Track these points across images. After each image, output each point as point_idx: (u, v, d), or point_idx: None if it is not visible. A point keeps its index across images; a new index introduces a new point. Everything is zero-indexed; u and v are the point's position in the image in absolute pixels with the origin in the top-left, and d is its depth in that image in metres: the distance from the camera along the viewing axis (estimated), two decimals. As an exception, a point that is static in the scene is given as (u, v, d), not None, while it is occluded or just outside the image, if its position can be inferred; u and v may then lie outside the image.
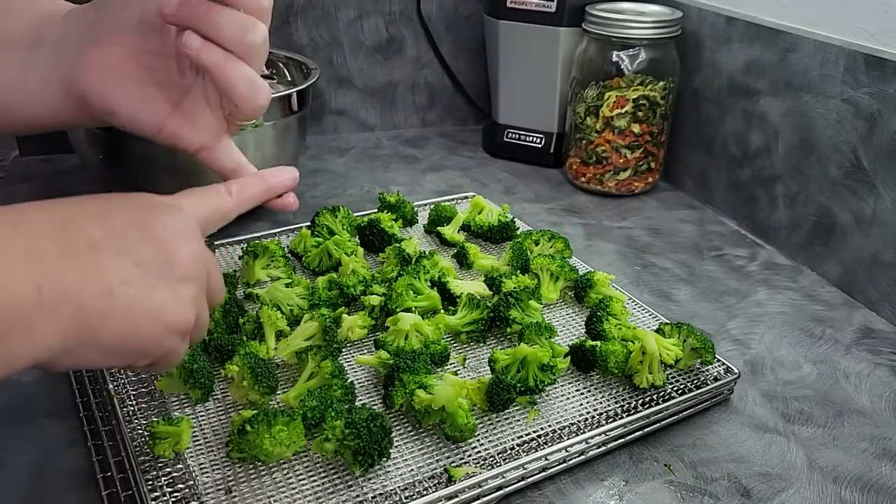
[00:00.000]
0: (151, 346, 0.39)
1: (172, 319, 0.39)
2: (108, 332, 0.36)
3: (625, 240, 0.90)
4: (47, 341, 0.34)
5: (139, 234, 0.38)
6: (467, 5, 1.19)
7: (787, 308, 0.77)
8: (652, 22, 0.92)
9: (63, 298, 0.34)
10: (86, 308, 0.35)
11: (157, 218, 0.40)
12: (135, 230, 0.38)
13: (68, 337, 0.35)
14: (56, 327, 0.34)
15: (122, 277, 0.37)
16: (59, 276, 0.34)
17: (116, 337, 0.37)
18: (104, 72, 0.47)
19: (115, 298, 0.36)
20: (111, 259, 0.37)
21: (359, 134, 1.20)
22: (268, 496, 0.49)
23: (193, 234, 0.41)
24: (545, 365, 0.57)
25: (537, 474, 0.53)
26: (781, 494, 0.53)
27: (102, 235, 0.37)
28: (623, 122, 0.96)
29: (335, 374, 0.56)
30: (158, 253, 0.39)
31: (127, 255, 0.37)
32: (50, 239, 0.35)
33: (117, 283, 0.36)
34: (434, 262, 0.71)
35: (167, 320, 0.39)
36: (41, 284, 0.33)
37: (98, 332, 0.36)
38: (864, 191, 0.76)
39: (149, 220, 0.39)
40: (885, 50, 0.74)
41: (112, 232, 0.37)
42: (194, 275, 0.40)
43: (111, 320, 0.36)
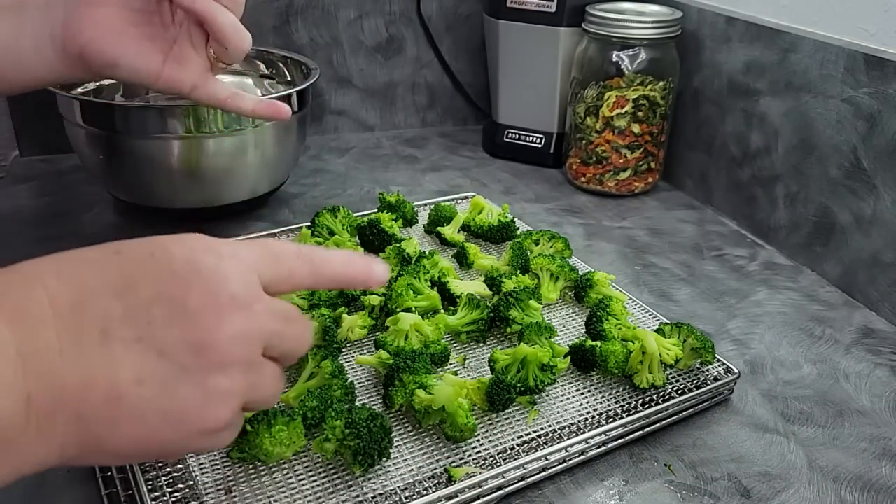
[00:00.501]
0: (174, 449, 0.33)
1: (198, 423, 0.32)
2: (116, 441, 0.31)
3: (625, 240, 0.90)
4: (37, 457, 0.29)
5: (168, 311, 0.31)
6: (467, 5, 1.19)
7: (787, 308, 0.77)
8: (652, 22, 0.93)
9: (59, 407, 0.29)
10: (87, 417, 0.30)
11: (194, 288, 0.32)
12: (163, 305, 0.31)
13: (66, 449, 0.30)
14: (48, 441, 0.29)
15: (138, 375, 0.30)
16: (56, 379, 0.29)
17: (127, 445, 0.31)
18: (101, 29, 0.51)
19: (125, 403, 0.30)
20: (126, 349, 0.30)
21: (359, 134, 1.20)
22: (268, 496, 0.49)
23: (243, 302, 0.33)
24: (545, 365, 0.57)
25: (537, 474, 0.53)
26: (781, 494, 0.53)
27: (120, 314, 0.30)
28: (623, 122, 0.96)
29: (335, 374, 0.56)
30: (188, 336, 0.31)
31: (148, 342, 0.31)
32: (52, 327, 0.29)
33: (129, 383, 0.30)
34: (434, 262, 0.71)
35: (192, 424, 0.32)
36: (31, 393, 0.28)
37: (104, 441, 0.31)
38: (864, 191, 0.76)
39: (184, 291, 0.32)
40: (885, 50, 0.74)
41: (134, 309, 0.31)
42: (234, 360, 0.33)
43: (120, 429, 0.30)
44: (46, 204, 0.90)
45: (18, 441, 0.28)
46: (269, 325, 0.34)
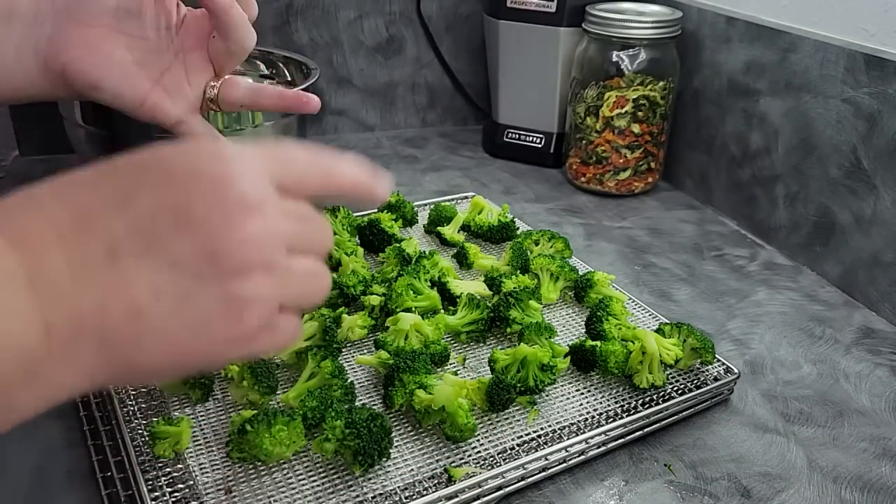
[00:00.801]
0: (210, 361, 0.32)
1: (227, 331, 0.31)
2: (144, 360, 0.30)
3: (625, 240, 0.90)
4: (64, 384, 0.29)
5: (172, 221, 0.30)
6: (467, 5, 1.18)
7: (787, 308, 0.77)
8: (652, 22, 0.92)
9: (80, 333, 0.28)
10: (110, 338, 0.29)
11: (197, 194, 0.30)
12: (167, 214, 0.30)
13: (95, 374, 0.29)
14: (75, 368, 0.29)
15: (153, 289, 0.29)
16: (72, 303, 0.28)
17: (157, 362, 0.30)
18: (86, 49, 0.50)
19: (146, 319, 0.29)
20: (137, 263, 0.29)
21: (359, 134, 1.20)
22: (268, 496, 0.49)
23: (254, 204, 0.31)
24: (545, 365, 0.57)
25: (537, 474, 0.53)
26: (781, 494, 0.53)
27: (124, 231, 0.29)
28: (623, 122, 0.96)
29: (335, 374, 0.56)
30: (199, 244, 0.30)
31: (157, 253, 0.29)
32: (59, 252, 0.28)
33: (146, 298, 0.29)
34: (434, 262, 0.71)
35: (220, 334, 0.31)
36: (49, 320, 0.27)
37: (132, 361, 0.30)
38: (864, 191, 0.76)
39: (186, 197, 0.30)
40: (885, 50, 0.74)
41: (137, 223, 0.29)
42: (253, 261, 0.31)
43: (145, 347, 0.30)
44: (46, 204, 0.90)
45: (44, 369, 0.28)
46: (284, 225, 0.32)
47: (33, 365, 0.27)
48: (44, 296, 0.27)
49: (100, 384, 0.30)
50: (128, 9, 0.50)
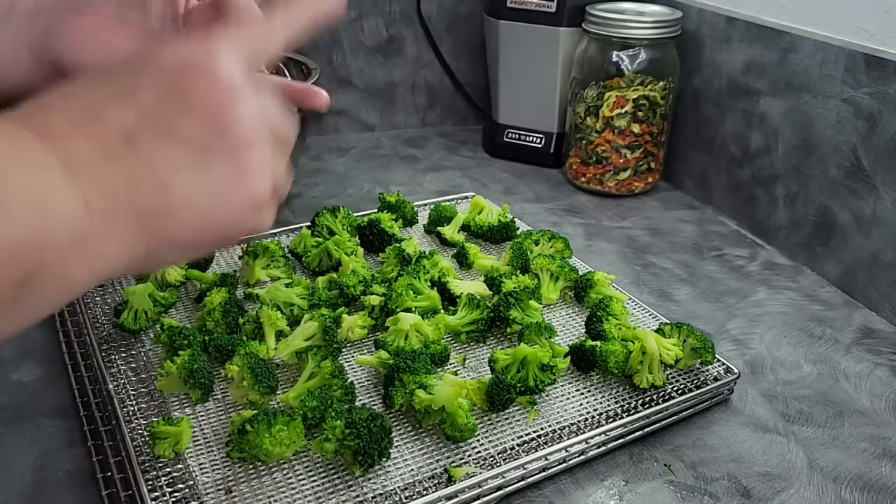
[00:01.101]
0: (232, 229, 0.35)
1: (244, 197, 0.34)
2: (177, 231, 0.33)
3: (625, 240, 0.90)
4: (110, 257, 0.31)
5: (177, 107, 0.33)
6: (467, 5, 1.19)
7: (787, 308, 0.77)
8: (652, 22, 0.93)
9: (115, 207, 0.31)
10: (144, 212, 0.31)
11: (191, 81, 0.33)
12: (171, 102, 0.33)
13: (135, 247, 0.32)
14: (117, 241, 0.31)
15: (173, 164, 0.32)
16: (104, 182, 0.30)
17: (188, 233, 0.33)
18: (79, 38, 0.48)
19: (173, 191, 0.32)
20: (153, 146, 0.32)
21: (359, 134, 1.21)
22: (268, 496, 0.49)
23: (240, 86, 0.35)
24: (545, 365, 0.57)
25: (537, 474, 0.53)
26: (781, 494, 0.53)
27: (136, 119, 0.32)
28: (623, 122, 0.96)
29: (335, 374, 0.56)
30: (204, 123, 0.33)
31: (169, 135, 0.32)
32: (82, 140, 0.31)
33: (168, 172, 0.32)
34: (434, 262, 0.71)
35: (239, 199, 0.34)
36: (87, 196, 0.30)
37: (167, 233, 0.32)
38: (864, 191, 0.76)
39: (182, 85, 0.33)
40: (885, 50, 0.74)
41: (146, 111, 0.32)
42: (254, 134, 0.35)
43: (177, 217, 0.32)
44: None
45: (90, 240, 0.30)
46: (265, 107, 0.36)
47: (81, 236, 0.29)
48: (79, 176, 0.30)
49: (137, 260, 0.32)
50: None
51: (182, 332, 0.59)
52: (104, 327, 0.64)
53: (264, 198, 0.36)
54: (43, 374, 0.62)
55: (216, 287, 0.66)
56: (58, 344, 0.64)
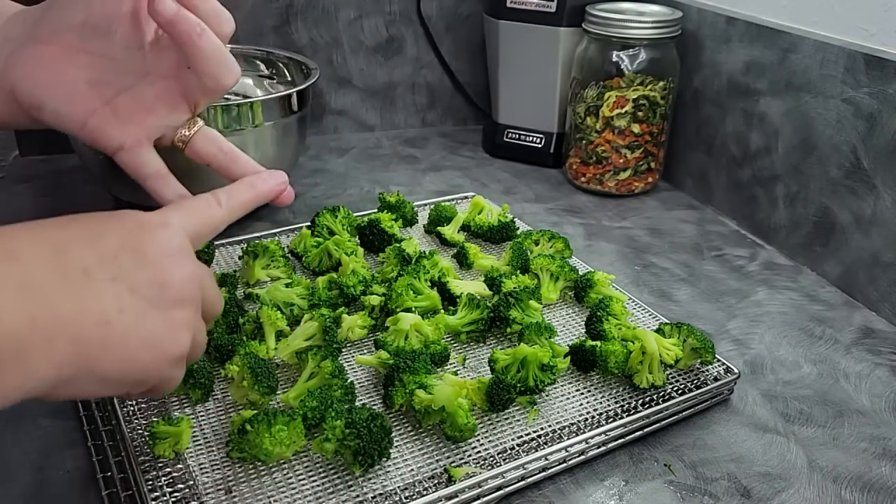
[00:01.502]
0: (149, 374, 0.38)
1: (168, 347, 0.38)
2: (105, 363, 0.35)
3: (625, 240, 0.90)
4: (41, 374, 0.33)
5: (132, 258, 0.37)
6: (467, 5, 1.19)
7: (787, 308, 0.77)
8: (652, 22, 0.93)
9: (58, 329, 0.33)
10: (82, 339, 0.34)
11: (148, 239, 0.39)
12: (127, 253, 0.37)
13: (63, 369, 0.34)
14: (51, 359, 0.33)
15: (118, 305, 0.36)
16: (54, 305, 0.33)
17: (113, 367, 0.36)
18: (35, 68, 0.48)
19: (112, 327, 0.35)
20: (106, 286, 0.36)
21: (359, 134, 1.21)
22: (268, 496, 0.49)
23: (186, 253, 0.40)
24: (545, 365, 0.57)
25: (537, 474, 0.53)
26: (781, 494, 0.53)
27: (95, 260, 0.36)
28: (623, 122, 0.96)
29: (335, 374, 0.56)
30: (152, 277, 0.38)
31: (121, 281, 0.36)
32: (43, 266, 0.34)
33: (113, 311, 0.35)
34: (434, 262, 0.71)
35: (163, 349, 0.38)
36: (35, 315, 0.32)
37: (96, 362, 0.35)
38: (864, 191, 0.76)
39: (140, 241, 0.38)
40: (885, 50, 0.74)
41: (105, 256, 0.36)
42: (188, 297, 0.40)
43: (109, 350, 0.35)
44: (46, 204, 0.90)
45: (27, 353, 0.32)
46: (203, 277, 0.42)
47: (21, 348, 0.32)
48: (31, 296, 0.33)
49: (61, 383, 0.34)
50: (96, 26, 0.48)
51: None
52: (104, 327, 0.64)
53: (181, 353, 0.39)
54: (43, 374, 0.61)
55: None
56: (58, 344, 0.64)
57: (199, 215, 0.44)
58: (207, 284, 0.43)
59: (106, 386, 0.37)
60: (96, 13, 0.48)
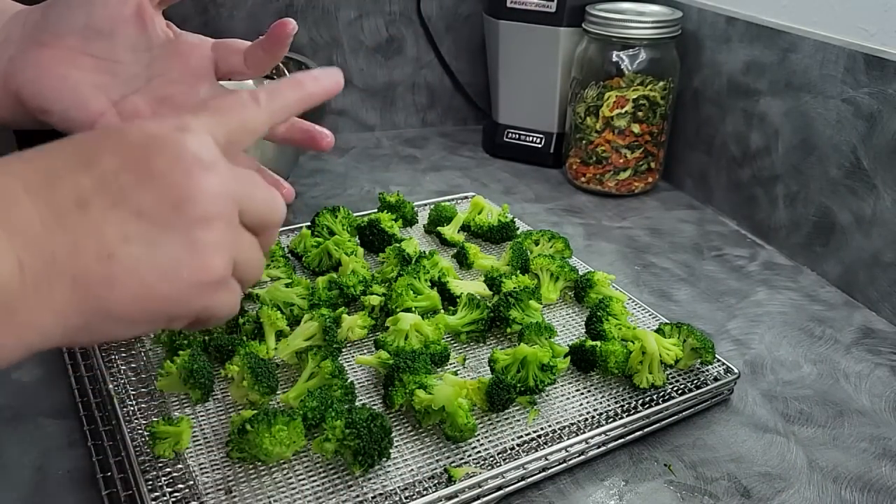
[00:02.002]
0: (177, 306, 0.33)
1: (194, 274, 0.33)
2: (117, 302, 0.31)
3: (625, 240, 0.90)
4: (41, 325, 0.30)
5: (135, 177, 0.32)
6: (467, 5, 1.19)
7: (787, 308, 0.77)
8: (652, 22, 0.93)
9: (53, 272, 0.30)
10: (83, 279, 0.30)
11: (155, 153, 0.33)
12: (129, 172, 0.32)
13: (69, 317, 0.31)
14: (50, 307, 0.30)
15: (122, 234, 0.31)
16: (45, 246, 0.30)
17: (129, 306, 0.32)
18: (38, 72, 0.47)
19: (117, 261, 0.31)
20: (105, 213, 0.31)
21: (359, 134, 1.21)
22: (268, 496, 0.49)
23: (208, 162, 0.34)
24: (545, 365, 0.57)
25: (537, 474, 0.53)
26: (781, 494, 0.53)
27: (92, 186, 0.31)
28: (623, 122, 0.96)
29: (335, 374, 0.56)
30: (162, 196, 0.32)
31: (124, 205, 0.31)
32: (29, 201, 0.30)
33: (116, 241, 0.31)
34: (434, 262, 0.71)
35: (186, 275, 0.33)
36: (23, 259, 0.29)
37: (106, 303, 0.31)
38: (864, 191, 0.76)
39: (145, 157, 0.32)
40: (885, 50, 0.74)
41: (103, 179, 0.31)
42: (214, 213, 0.33)
43: (118, 287, 0.31)
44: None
45: (20, 307, 0.29)
46: (237, 186, 0.35)
47: (9, 300, 0.28)
48: (17, 239, 0.29)
49: (73, 330, 0.31)
50: (98, 29, 0.47)
51: (182, 332, 0.59)
52: (104, 327, 0.64)
53: (216, 278, 0.34)
54: (43, 374, 0.62)
55: (216, 287, 0.66)
56: (58, 344, 0.64)
57: (230, 116, 0.37)
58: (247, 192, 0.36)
59: (131, 326, 0.33)
60: (98, 16, 0.47)
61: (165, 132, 0.33)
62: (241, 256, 0.35)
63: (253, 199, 0.36)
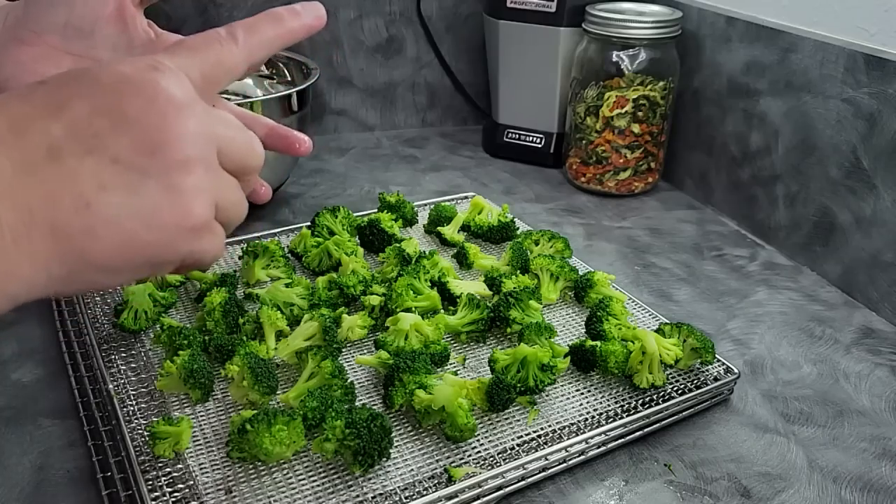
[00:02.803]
0: (161, 253, 0.33)
1: (175, 219, 0.32)
2: (99, 252, 0.31)
3: (625, 240, 0.90)
4: (23, 276, 0.29)
5: (108, 122, 0.31)
6: (467, 5, 1.19)
7: (787, 308, 0.77)
8: (652, 22, 0.93)
9: (29, 223, 0.29)
10: (61, 229, 0.30)
11: (128, 95, 0.32)
12: (102, 117, 0.31)
13: (52, 267, 0.30)
14: (30, 259, 0.29)
15: (98, 182, 0.30)
16: (19, 196, 0.29)
17: (112, 254, 0.31)
18: (19, 71, 0.47)
19: (95, 210, 0.30)
20: (79, 162, 0.30)
21: (359, 134, 1.21)
22: (268, 496, 0.49)
23: (184, 104, 0.33)
24: (545, 365, 0.57)
25: (537, 474, 0.53)
26: (781, 494, 0.53)
27: (63, 133, 0.30)
28: (623, 122, 0.96)
29: (335, 374, 0.56)
30: (138, 141, 0.31)
31: (98, 152, 0.30)
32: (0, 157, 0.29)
33: (92, 190, 0.30)
34: (434, 262, 0.71)
35: (168, 221, 0.32)
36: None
37: (88, 253, 0.31)
38: (864, 191, 0.76)
39: (119, 98, 0.31)
40: (885, 50, 0.74)
41: (75, 125, 0.30)
42: (193, 157, 0.33)
43: (98, 237, 0.30)
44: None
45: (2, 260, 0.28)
46: (215, 127, 0.34)
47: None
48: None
49: (58, 280, 0.31)
50: (78, 27, 0.47)
51: (182, 332, 0.59)
52: (104, 327, 0.64)
53: (200, 222, 0.33)
54: (43, 374, 0.62)
55: (216, 287, 0.66)
56: (58, 344, 0.64)
57: (205, 54, 0.36)
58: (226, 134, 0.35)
59: (116, 275, 0.33)
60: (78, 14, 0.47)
61: (139, 73, 0.32)
62: (222, 199, 0.35)
63: (232, 141, 0.35)
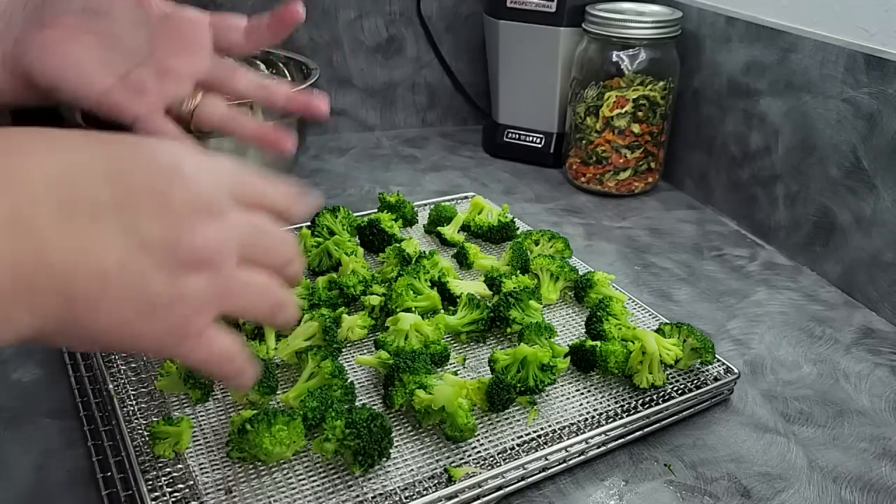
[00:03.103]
0: (145, 343, 0.33)
1: (166, 319, 0.33)
2: (94, 324, 0.31)
3: (625, 240, 0.90)
4: (18, 324, 0.29)
5: (154, 204, 0.32)
6: (467, 5, 1.18)
7: (787, 308, 0.77)
8: (652, 22, 0.93)
9: (46, 279, 0.29)
10: (73, 294, 0.30)
11: (179, 183, 0.33)
12: (150, 198, 0.32)
13: (48, 322, 0.30)
14: (32, 311, 0.29)
15: (121, 259, 0.31)
16: (45, 251, 0.29)
17: (104, 331, 0.32)
18: (44, 53, 0.49)
19: (109, 285, 0.31)
20: (114, 235, 0.31)
21: (359, 134, 1.20)
22: (268, 496, 0.49)
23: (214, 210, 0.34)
24: (545, 365, 0.57)
25: (537, 474, 0.53)
26: (781, 494, 0.53)
27: (110, 199, 0.31)
28: (623, 122, 0.96)
29: (335, 374, 0.56)
30: (167, 232, 0.32)
31: (132, 233, 0.31)
32: (45, 200, 0.29)
33: (114, 266, 0.31)
34: (434, 262, 0.71)
35: (160, 320, 0.33)
36: (20, 259, 0.28)
37: (84, 322, 0.31)
38: (864, 191, 0.76)
39: (170, 184, 0.32)
40: (885, 50, 0.74)
41: (122, 196, 0.31)
42: (206, 260, 0.33)
43: (99, 311, 0.31)
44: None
45: (5, 305, 0.28)
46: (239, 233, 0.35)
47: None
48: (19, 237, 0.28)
49: (44, 334, 0.31)
50: (95, 9, 0.50)
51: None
52: (104, 327, 0.64)
53: (188, 331, 0.34)
54: (43, 374, 0.62)
55: (216, 287, 0.66)
56: (58, 344, 0.64)
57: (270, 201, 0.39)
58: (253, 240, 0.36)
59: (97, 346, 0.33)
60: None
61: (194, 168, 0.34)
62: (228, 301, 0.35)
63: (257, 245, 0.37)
